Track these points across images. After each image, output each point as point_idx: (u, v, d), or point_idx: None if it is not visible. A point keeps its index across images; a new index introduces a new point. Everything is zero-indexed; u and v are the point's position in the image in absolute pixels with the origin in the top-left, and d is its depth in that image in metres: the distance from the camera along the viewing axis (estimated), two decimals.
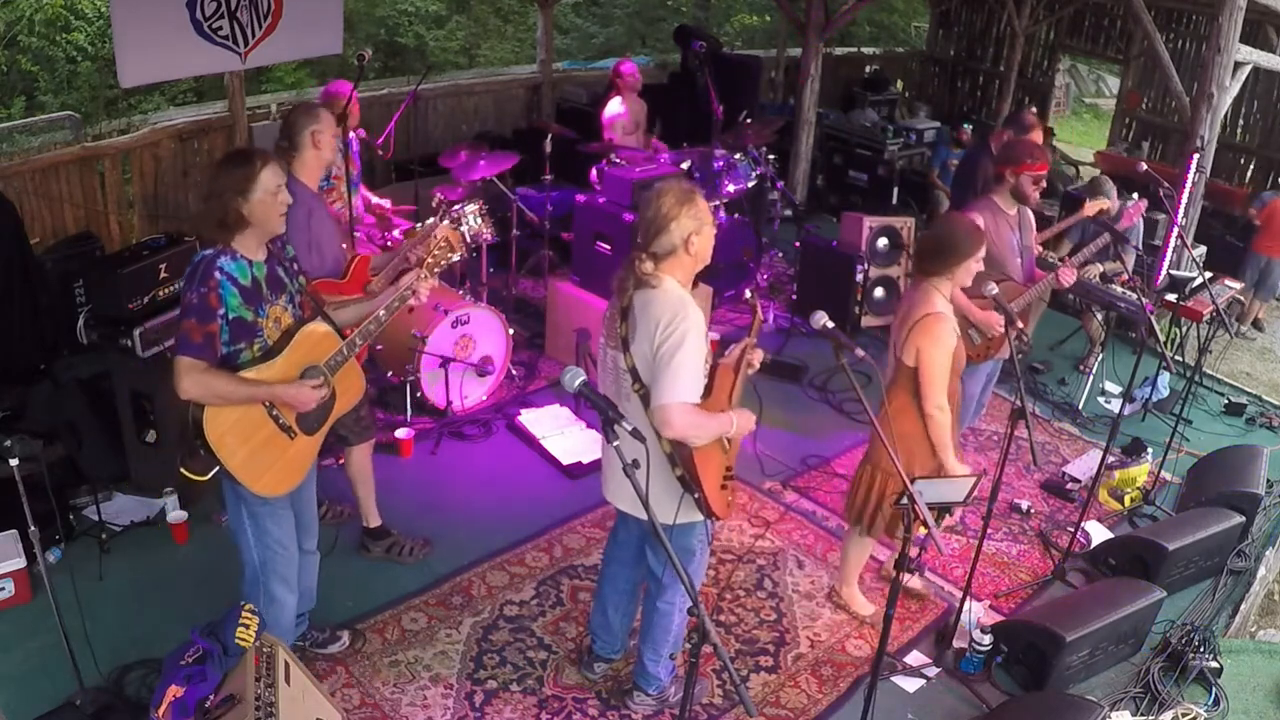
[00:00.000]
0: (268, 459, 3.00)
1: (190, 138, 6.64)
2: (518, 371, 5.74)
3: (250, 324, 2.91)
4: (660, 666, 3.50)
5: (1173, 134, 10.59)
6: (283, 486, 3.09)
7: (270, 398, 2.95)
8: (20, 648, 3.57)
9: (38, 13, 10.94)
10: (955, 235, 3.58)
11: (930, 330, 3.52)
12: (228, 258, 2.86)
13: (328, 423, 3.17)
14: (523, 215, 6.37)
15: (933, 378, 3.53)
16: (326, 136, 3.72)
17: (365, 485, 4.14)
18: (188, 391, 2.79)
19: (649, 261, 2.95)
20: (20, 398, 4.56)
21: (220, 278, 2.82)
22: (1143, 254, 6.36)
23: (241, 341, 2.91)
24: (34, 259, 5.09)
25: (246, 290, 2.89)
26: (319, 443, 3.19)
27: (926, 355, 3.52)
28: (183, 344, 2.79)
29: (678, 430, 2.89)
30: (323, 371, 3.06)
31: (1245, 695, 3.94)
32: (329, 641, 3.70)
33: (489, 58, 14.83)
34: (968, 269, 3.56)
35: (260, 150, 2.97)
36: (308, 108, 3.83)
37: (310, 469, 3.24)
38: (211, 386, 2.81)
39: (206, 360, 2.81)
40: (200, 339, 2.79)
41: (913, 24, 16.50)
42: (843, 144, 9.44)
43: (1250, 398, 6.50)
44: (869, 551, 4.11)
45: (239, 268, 2.88)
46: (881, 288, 6.77)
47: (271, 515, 3.12)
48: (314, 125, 3.68)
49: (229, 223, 2.85)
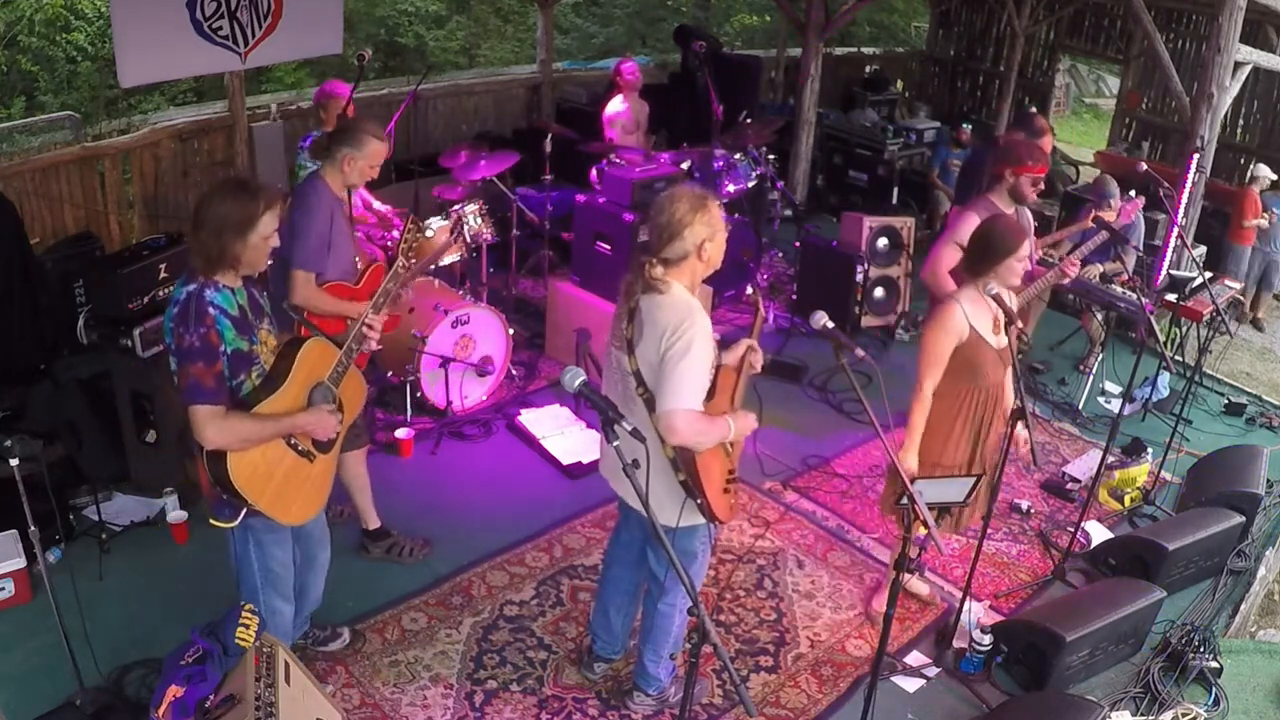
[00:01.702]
0: (293, 489, 2.95)
1: (190, 138, 6.65)
2: (518, 371, 5.74)
3: (247, 354, 2.83)
4: (660, 667, 3.51)
5: (1173, 134, 10.59)
6: (311, 511, 3.06)
7: (293, 429, 2.88)
8: (20, 648, 3.58)
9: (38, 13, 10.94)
10: (996, 233, 3.57)
11: (935, 314, 3.58)
12: (212, 290, 2.75)
13: (341, 435, 3.13)
14: (523, 215, 6.37)
15: (924, 358, 3.56)
16: (360, 166, 3.70)
17: (361, 491, 4.14)
18: (213, 441, 2.70)
19: (659, 266, 2.94)
20: (20, 398, 4.56)
21: (214, 313, 2.71)
22: (1143, 254, 6.36)
23: (241, 373, 2.83)
24: (34, 259, 5.09)
25: (237, 320, 2.79)
26: (335, 458, 3.17)
27: (925, 336, 3.59)
28: (195, 392, 2.67)
29: (682, 437, 2.88)
30: (330, 388, 3.02)
31: (1245, 695, 3.94)
32: (330, 639, 3.70)
33: (489, 58, 14.83)
34: (1009, 268, 3.52)
35: (264, 188, 2.83)
36: (358, 135, 3.71)
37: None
38: (236, 432, 2.73)
39: (223, 404, 2.72)
40: (212, 382, 2.69)
41: (913, 24, 16.50)
42: (843, 144, 9.43)
43: (1250, 398, 6.50)
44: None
45: (225, 299, 2.77)
46: (881, 288, 6.76)
47: (277, 541, 3.09)
48: (352, 152, 3.67)
49: (220, 260, 2.74)
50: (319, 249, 3.62)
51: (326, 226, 3.63)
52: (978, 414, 3.69)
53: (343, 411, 3.08)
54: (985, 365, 3.61)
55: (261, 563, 3.08)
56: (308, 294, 3.64)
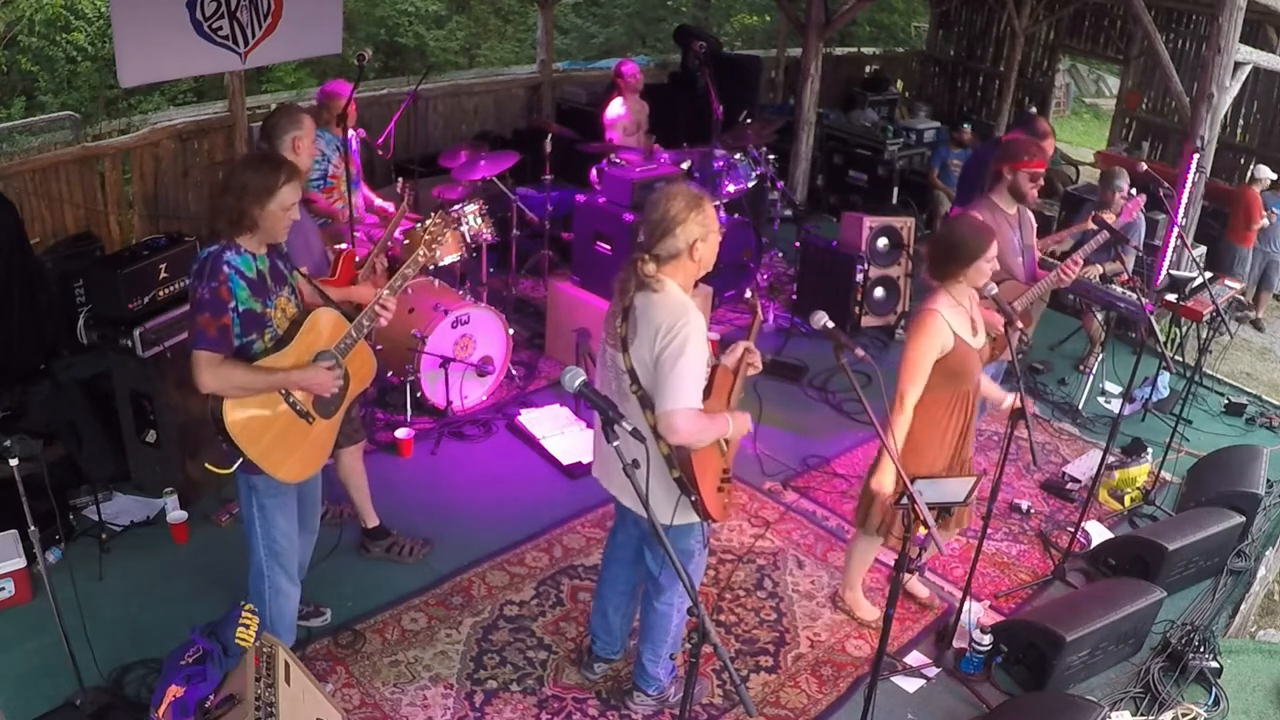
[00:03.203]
0: (288, 446, 3.07)
1: (190, 138, 6.65)
2: (518, 371, 5.74)
3: (260, 315, 2.97)
4: (660, 667, 3.51)
5: (1173, 134, 10.59)
6: (306, 471, 3.18)
7: (288, 384, 3.02)
8: (20, 648, 3.57)
9: (38, 13, 10.94)
10: (959, 236, 3.55)
11: (918, 322, 3.54)
12: (232, 252, 2.92)
13: (344, 405, 3.26)
14: (523, 215, 6.37)
15: (907, 367, 3.52)
16: (306, 143, 3.75)
17: (358, 488, 4.14)
18: (207, 385, 2.85)
19: (651, 263, 2.95)
20: (20, 398, 4.57)
21: (229, 271, 2.87)
22: (1142, 254, 6.36)
23: (253, 333, 2.96)
24: (34, 259, 5.09)
25: (253, 283, 2.94)
26: (337, 426, 3.27)
27: (908, 344, 3.55)
28: (199, 339, 2.84)
29: (682, 436, 2.89)
30: (334, 355, 3.14)
31: (1245, 695, 3.94)
32: (312, 615, 3.78)
33: (489, 58, 14.84)
34: (979, 269, 3.51)
35: (288, 163, 3.02)
36: (291, 112, 3.83)
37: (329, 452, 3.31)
38: (230, 378, 2.87)
39: (223, 353, 2.86)
40: (215, 332, 2.84)
41: (913, 24, 16.50)
42: (843, 144, 9.44)
43: (1250, 398, 6.50)
44: (874, 555, 4.10)
45: (244, 261, 2.93)
46: (881, 288, 6.77)
47: (281, 507, 3.19)
48: (295, 131, 3.71)
49: (239, 223, 2.91)
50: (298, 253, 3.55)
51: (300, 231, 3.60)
52: (960, 421, 3.68)
53: (348, 382, 3.19)
54: (968, 370, 3.61)
55: (265, 532, 3.18)
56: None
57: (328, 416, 3.20)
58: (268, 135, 3.73)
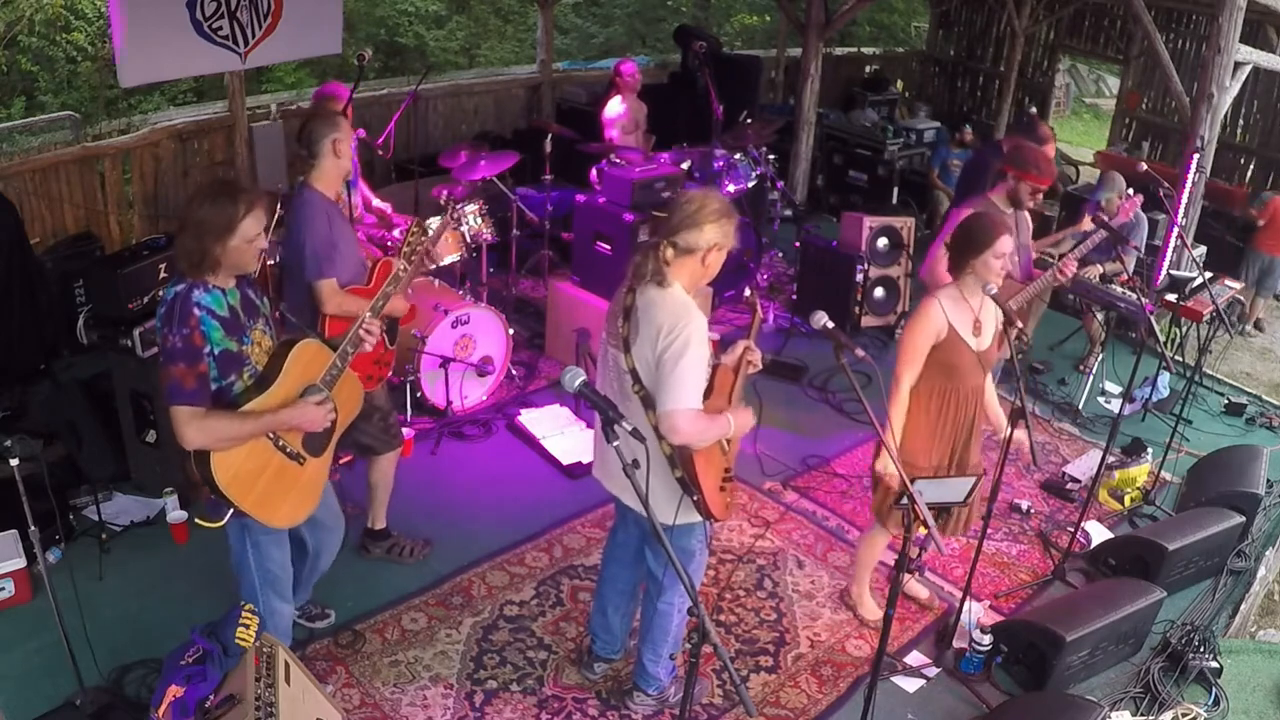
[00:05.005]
0: (282, 491, 2.95)
1: (190, 138, 6.65)
2: (518, 371, 5.74)
3: (237, 354, 2.82)
4: (660, 667, 3.51)
5: (1173, 134, 10.59)
6: (300, 514, 3.06)
7: (277, 426, 2.86)
8: (20, 648, 3.57)
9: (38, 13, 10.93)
10: (973, 226, 3.57)
11: (917, 307, 3.62)
12: (200, 290, 2.74)
13: (333, 439, 3.13)
14: (523, 215, 6.36)
15: (902, 353, 3.60)
16: (345, 144, 3.67)
17: (385, 491, 4.15)
18: (192, 441, 2.70)
19: (670, 249, 2.97)
20: (20, 398, 4.57)
21: (199, 314, 2.71)
22: (1142, 254, 6.36)
23: (232, 374, 2.82)
24: (34, 259, 5.09)
25: (226, 321, 2.78)
26: (329, 463, 3.16)
27: (905, 328, 3.63)
28: (175, 393, 2.67)
29: (683, 436, 2.90)
30: (321, 388, 3.00)
31: (1245, 695, 3.94)
32: (318, 617, 3.78)
33: (489, 58, 14.84)
34: (986, 263, 3.51)
35: (245, 192, 2.81)
36: (327, 115, 3.74)
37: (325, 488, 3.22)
38: (216, 431, 2.72)
39: (204, 405, 2.71)
40: (194, 383, 2.68)
41: (913, 24, 16.50)
42: (843, 144, 9.44)
43: (1250, 398, 6.50)
44: (883, 546, 4.10)
45: (214, 299, 2.77)
46: (881, 288, 6.76)
47: (275, 541, 3.10)
48: (335, 134, 3.62)
49: (202, 264, 2.73)
50: (329, 255, 3.57)
51: (327, 230, 3.60)
52: (954, 418, 3.67)
53: (337, 413, 3.06)
54: (962, 367, 3.60)
55: (259, 564, 3.09)
56: (339, 301, 3.60)
57: (318, 454, 3.05)
58: (306, 141, 3.64)
